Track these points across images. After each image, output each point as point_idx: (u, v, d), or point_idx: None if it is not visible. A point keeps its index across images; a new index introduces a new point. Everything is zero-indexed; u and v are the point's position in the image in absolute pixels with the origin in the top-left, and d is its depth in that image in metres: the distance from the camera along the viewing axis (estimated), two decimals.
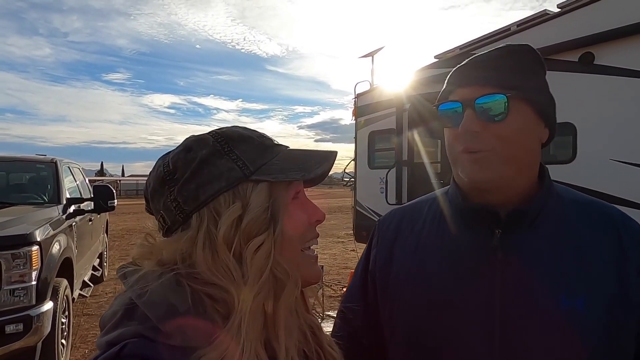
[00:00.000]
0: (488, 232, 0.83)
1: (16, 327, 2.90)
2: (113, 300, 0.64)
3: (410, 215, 0.98)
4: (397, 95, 5.85)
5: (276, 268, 0.60)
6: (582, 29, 3.70)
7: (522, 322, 0.77)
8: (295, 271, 0.63)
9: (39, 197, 4.53)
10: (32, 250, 3.06)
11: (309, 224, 0.68)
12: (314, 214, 0.69)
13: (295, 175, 0.64)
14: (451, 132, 0.85)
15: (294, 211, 0.65)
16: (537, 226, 0.82)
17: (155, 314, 0.57)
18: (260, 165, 0.64)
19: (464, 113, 0.81)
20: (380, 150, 6.55)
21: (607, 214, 0.86)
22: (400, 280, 0.90)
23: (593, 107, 3.68)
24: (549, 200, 0.85)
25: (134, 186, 50.37)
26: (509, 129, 0.79)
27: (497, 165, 0.79)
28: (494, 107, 0.79)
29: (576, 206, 0.87)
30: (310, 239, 0.69)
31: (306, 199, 0.70)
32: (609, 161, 3.56)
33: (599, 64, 3.64)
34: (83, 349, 4.22)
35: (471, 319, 0.80)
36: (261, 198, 0.61)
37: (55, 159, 5.03)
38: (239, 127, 0.70)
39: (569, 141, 3.86)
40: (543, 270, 0.79)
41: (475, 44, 5.15)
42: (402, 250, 0.93)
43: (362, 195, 6.71)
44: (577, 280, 0.78)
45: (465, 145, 0.81)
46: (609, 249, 0.81)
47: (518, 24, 4.76)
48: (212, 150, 0.64)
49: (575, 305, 0.76)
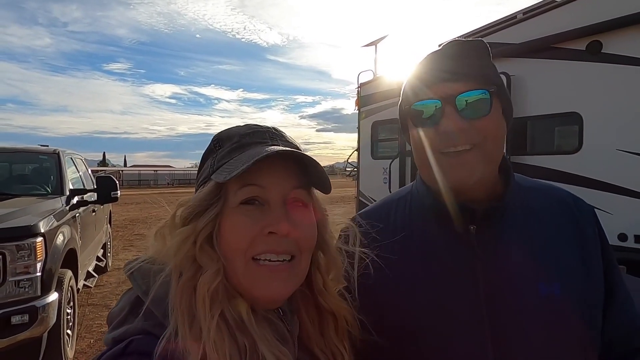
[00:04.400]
0: (463, 230, 0.82)
1: (22, 318, 2.92)
2: (121, 296, 0.64)
3: (378, 220, 0.93)
4: (400, 85, 5.80)
5: (201, 254, 0.61)
6: (590, 16, 3.65)
7: (510, 315, 0.78)
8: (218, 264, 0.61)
9: (42, 189, 4.52)
10: (37, 241, 3.06)
11: (257, 233, 0.61)
12: (268, 224, 0.61)
13: (220, 177, 0.63)
14: (426, 132, 0.81)
15: (235, 215, 0.63)
16: (506, 219, 0.84)
17: (161, 311, 0.57)
18: (220, 165, 0.66)
19: (444, 110, 0.78)
20: (383, 140, 6.53)
21: (561, 198, 0.90)
22: (380, 285, 0.87)
23: (600, 97, 3.64)
24: (514, 192, 0.86)
25: (136, 176, 50.53)
26: (492, 124, 0.78)
27: (481, 164, 0.78)
28: (478, 103, 0.77)
29: (535, 194, 0.90)
30: (259, 251, 0.61)
31: (275, 208, 0.63)
32: (615, 151, 3.53)
33: (606, 53, 3.59)
34: (88, 338, 4.26)
35: (459, 317, 0.79)
36: (202, 195, 0.64)
37: (57, 150, 5.02)
38: (244, 125, 0.71)
39: (574, 131, 3.83)
40: (520, 260, 0.81)
41: (479, 32, 5.08)
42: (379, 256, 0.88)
43: (365, 185, 6.70)
44: (550, 266, 0.80)
45: (446, 143, 0.78)
46: (569, 231, 0.85)
47: (524, 11, 4.69)
48: (209, 149, 0.71)
49: (553, 290, 0.78)
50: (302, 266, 0.65)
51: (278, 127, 0.72)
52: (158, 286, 0.59)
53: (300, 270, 0.65)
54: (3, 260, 2.89)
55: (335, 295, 0.73)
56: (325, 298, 0.71)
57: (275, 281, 0.61)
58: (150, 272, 0.61)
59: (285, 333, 0.65)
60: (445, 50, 0.82)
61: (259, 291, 0.61)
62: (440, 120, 0.78)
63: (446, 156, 0.79)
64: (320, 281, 0.71)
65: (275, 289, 0.62)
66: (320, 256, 0.72)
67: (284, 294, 0.63)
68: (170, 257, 0.61)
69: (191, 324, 0.56)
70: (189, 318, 0.56)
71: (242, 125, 0.71)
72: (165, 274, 0.60)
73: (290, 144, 0.70)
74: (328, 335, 0.71)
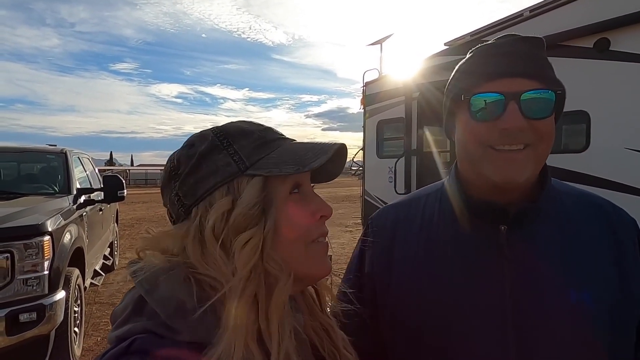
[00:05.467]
0: (493, 229, 0.81)
1: (30, 316, 2.94)
2: (125, 295, 0.64)
3: (405, 213, 0.94)
4: (406, 84, 5.79)
5: (268, 262, 0.59)
6: (598, 13, 3.61)
7: (535, 319, 0.76)
8: (289, 267, 0.61)
9: (49, 188, 4.56)
10: (44, 240, 3.09)
11: (312, 220, 0.65)
12: (318, 209, 0.66)
13: (289, 169, 0.61)
14: (482, 126, 0.78)
15: (291, 206, 0.63)
16: (540, 221, 0.82)
17: (165, 311, 0.57)
18: (256, 159, 0.63)
19: (507, 106, 0.75)
20: (389, 139, 6.51)
21: (598, 205, 0.87)
22: (403, 281, 0.87)
23: (608, 95, 3.60)
24: (550, 195, 0.84)
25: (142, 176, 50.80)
26: (550, 126, 0.77)
27: (531, 164, 0.77)
28: (542, 104, 0.75)
29: (571, 199, 0.87)
30: (316, 235, 0.66)
31: (311, 194, 0.67)
32: (623, 150, 3.49)
33: (614, 50, 3.55)
34: (95, 336, 4.29)
35: (483, 317, 0.79)
36: (252, 192, 0.61)
37: (65, 149, 5.06)
38: (244, 121, 0.70)
39: (582, 129, 3.79)
40: (550, 266, 0.78)
41: (486, 31, 5.05)
42: (403, 250, 0.90)
43: (370, 184, 6.69)
44: (582, 274, 0.78)
45: (502, 140, 0.76)
46: (606, 240, 0.81)
47: (531, 9, 4.66)
48: (211, 145, 0.64)
49: (584, 298, 0.76)
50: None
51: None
52: (163, 286, 0.58)
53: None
54: (11, 258, 2.92)
55: None
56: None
57: (326, 256, 0.68)
58: (154, 272, 0.61)
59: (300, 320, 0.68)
60: (508, 44, 0.79)
61: (318, 268, 0.67)
62: (502, 116, 0.75)
63: (498, 152, 0.77)
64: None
65: (328, 263, 0.68)
66: None
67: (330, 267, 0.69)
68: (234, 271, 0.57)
69: (248, 334, 0.55)
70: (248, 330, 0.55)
71: (239, 122, 0.69)
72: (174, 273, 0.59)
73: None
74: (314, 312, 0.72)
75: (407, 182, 5.70)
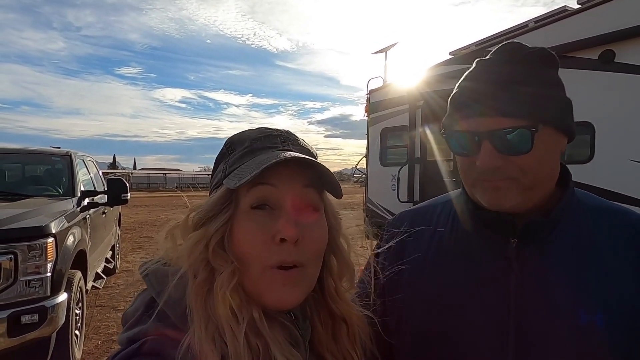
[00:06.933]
0: (503, 241, 0.79)
1: (32, 318, 2.94)
2: (136, 296, 0.64)
3: (421, 219, 0.94)
4: (410, 92, 5.80)
5: (215, 260, 0.60)
6: (603, 25, 3.62)
7: (538, 336, 0.74)
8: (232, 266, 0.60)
9: (53, 190, 4.58)
10: (48, 242, 3.09)
11: (268, 242, 0.60)
12: (278, 230, 0.59)
13: (229, 183, 0.62)
14: (465, 160, 0.79)
15: (245, 222, 0.61)
16: (555, 236, 0.78)
17: (175, 313, 0.58)
18: (232, 170, 0.65)
19: (481, 144, 0.74)
20: (392, 147, 6.52)
21: (628, 223, 0.80)
22: (411, 285, 0.87)
23: (612, 106, 3.61)
24: (569, 209, 0.80)
25: (145, 179, 50.88)
26: (532, 160, 0.73)
27: (515, 194, 0.75)
28: (517, 141, 0.72)
29: (597, 215, 0.82)
30: (274, 261, 0.59)
31: (285, 213, 0.61)
32: (628, 162, 3.49)
33: (619, 62, 3.56)
34: (96, 340, 4.28)
35: (484, 327, 0.78)
36: (214, 199, 0.64)
37: (69, 151, 5.08)
38: (256, 129, 0.71)
39: (586, 140, 3.79)
40: (561, 283, 0.75)
41: (491, 41, 5.07)
42: (414, 255, 0.90)
43: (373, 192, 6.68)
44: (596, 295, 0.73)
45: (483, 177, 0.76)
46: (630, 260, 0.76)
47: (536, 20, 4.69)
48: (221, 153, 0.70)
49: (595, 321, 0.72)
50: (312, 272, 0.64)
51: (290, 131, 0.72)
52: (172, 288, 0.59)
53: (309, 275, 0.63)
54: (15, 260, 2.92)
55: (347, 300, 0.72)
56: (337, 303, 0.70)
57: (285, 287, 0.60)
58: (165, 274, 0.62)
59: (298, 337, 0.64)
60: (499, 65, 0.76)
61: (269, 297, 0.60)
62: (478, 155, 0.74)
63: (485, 180, 0.76)
64: (332, 286, 0.71)
65: (285, 295, 0.60)
66: (333, 261, 0.71)
67: (294, 300, 0.61)
68: (183, 259, 0.61)
69: (207, 325, 0.56)
70: (205, 320, 0.57)
71: (254, 129, 0.70)
72: (179, 275, 0.60)
73: (302, 149, 0.69)
74: (340, 341, 0.70)
75: (410, 190, 5.70)
